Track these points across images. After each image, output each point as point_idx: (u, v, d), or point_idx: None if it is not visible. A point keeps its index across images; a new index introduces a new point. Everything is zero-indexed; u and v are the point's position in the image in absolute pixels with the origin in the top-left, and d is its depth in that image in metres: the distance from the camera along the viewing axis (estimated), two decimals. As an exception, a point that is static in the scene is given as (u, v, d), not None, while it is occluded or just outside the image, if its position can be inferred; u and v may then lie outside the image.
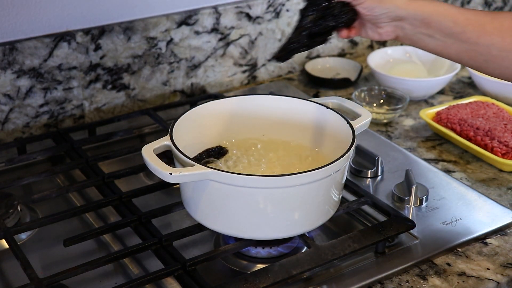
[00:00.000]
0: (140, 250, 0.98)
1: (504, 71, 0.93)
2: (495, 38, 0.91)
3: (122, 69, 1.38)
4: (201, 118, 1.06)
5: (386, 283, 0.97)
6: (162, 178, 0.89)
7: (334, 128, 1.04)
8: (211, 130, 1.08)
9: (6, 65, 1.25)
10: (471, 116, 1.33)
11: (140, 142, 1.35)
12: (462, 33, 0.92)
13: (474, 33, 0.91)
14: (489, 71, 0.95)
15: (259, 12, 1.49)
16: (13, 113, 1.30)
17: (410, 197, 1.11)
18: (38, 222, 1.04)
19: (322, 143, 1.07)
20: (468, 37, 0.92)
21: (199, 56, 1.46)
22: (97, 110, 1.39)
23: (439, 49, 0.95)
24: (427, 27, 0.93)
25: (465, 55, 0.94)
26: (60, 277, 0.92)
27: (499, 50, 0.91)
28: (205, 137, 1.07)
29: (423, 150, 1.30)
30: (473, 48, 0.92)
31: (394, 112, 1.39)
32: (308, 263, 0.95)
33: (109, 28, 1.33)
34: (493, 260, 1.02)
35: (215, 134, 1.08)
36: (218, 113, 1.08)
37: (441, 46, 0.95)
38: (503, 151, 1.23)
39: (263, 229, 0.94)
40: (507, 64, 0.92)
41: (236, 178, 0.89)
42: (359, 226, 1.10)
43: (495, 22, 0.91)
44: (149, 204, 1.10)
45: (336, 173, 0.94)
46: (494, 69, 0.93)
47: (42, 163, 1.27)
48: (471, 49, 0.93)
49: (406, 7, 0.93)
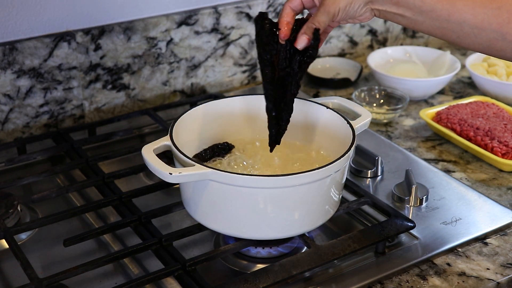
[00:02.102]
0: (140, 250, 0.98)
1: (478, 46, 0.91)
2: (467, 16, 0.89)
3: (122, 69, 1.38)
4: (201, 118, 1.06)
5: (386, 283, 0.97)
6: (162, 178, 0.89)
7: (334, 128, 1.04)
8: (211, 130, 1.08)
9: (6, 65, 1.25)
10: (471, 116, 1.33)
11: (140, 142, 1.35)
12: (431, 11, 0.90)
13: (444, 11, 0.89)
14: (463, 46, 0.93)
15: (259, 12, 1.49)
16: (13, 113, 1.30)
17: (410, 197, 1.11)
18: (38, 222, 1.04)
19: (322, 143, 1.07)
20: (438, 15, 0.90)
21: (199, 56, 1.46)
22: (97, 110, 1.39)
23: (411, 26, 0.93)
24: (396, 7, 0.91)
25: (437, 32, 0.92)
26: (60, 277, 0.92)
27: (471, 28, 0.89)
28: (205, 137, 1.07)
29: (423, 150, 1.30)
30: (444, 25, 0.90)
31: (394, 112, 1.39)
32: (308, 263, 0.95)
33: (109, 28, 1.33)
34: (493, 260, 1.02)
35: (215, 134, 1.08)
36: (218, 113, 1.08)
37: (413, 24, 0.93)
38: (503, 151, 1.23)
39: (263, 229, 0.94)
40: (480, 41, 0.90)
41: (236, 178, 0.89)
42: (359, 226, 1.10)
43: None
44: (149, 204, 1.10)
45: (336, 173, 0.94)
46: (468, 45, 0.92)
47: (42, 163, 1.27)
48: (442, 27, 0.91)
49: None
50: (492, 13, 0.87)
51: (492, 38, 0.89)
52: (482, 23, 0.88)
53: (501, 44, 0.89)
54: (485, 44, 0.90)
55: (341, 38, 1.64)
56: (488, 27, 0.88)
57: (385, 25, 1.69)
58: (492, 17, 0.88)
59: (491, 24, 0.88)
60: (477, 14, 0.88)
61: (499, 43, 0.89)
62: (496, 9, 0.87)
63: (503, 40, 0.88)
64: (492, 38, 0.89)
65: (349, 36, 1.65)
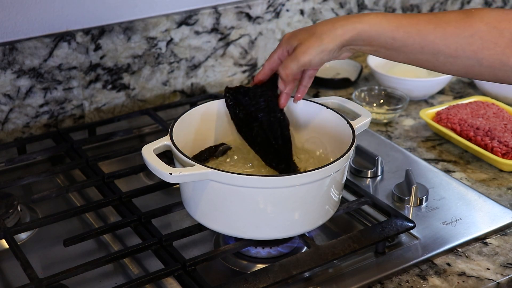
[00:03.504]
0: (140, 250, 0.98)
1: (455, 73, 0.92)
2: (440, 47, 0.88)
3: (122, 69, 1.38)
4: (201, 118, 1.06)
5: (386, 283, 0.97)
6: (162, 178, 0.89)
7: (334, 128, 1.04)
8: (211, 130, 1.08)
9: (6, 65, 1.25)
10: (471, 116, 1.33)
11: (140, 142, 1.35)
12: (404, 47, 0.90)
13: (416, 45, 0.89)
14: (441, 72, 0.94)
15: (259, 12, 1.49)
16: (13, 113, 1.30)
17: (410, 197, 1.11)
18: (38, 222, 1.04)
19: (322, 143, 1.07)
20: (411, 49, 0.90)
21: (199, 56, 1.46)
22: (97, 110, 1.39)
23: (388, 59, 0.95)
24: (370, 46, 0.92)
25: (413, 62, 0.92)
26: (60, 277, 0.92)
27: (446, 57, 0.89)
28: (205, 137, 1.07)
29: (423, 150, 1.30)
30: (419, 57, 0.91)
31: (394, 112, 1.39)
32: (308, 263, 0.95)
33: (109, 28, 1.33)
34: (493, 260, 1.02)
35: (215, 134, 1.08)
36: (218, 113, 1.08)
37: (389, 57, 0.94)
38: (503, 151, 1.23)
39: (263, 229, 0.94)
40: (457, 68, 0.90)
41: (236, 178, 0.89)
42: (359, 226, 1.10)
43: (437, 30, 0.88)
44: (149, 204, 1.10)
45: (336, 173, 0.94)
46: (446, 72, 0.92)
47: (42, 163, 1.27)
48: (417, 58, 0.91)
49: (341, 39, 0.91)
50: (465, 42, 0.87)
51: (468, 65, 0.89)
52: (456, 52, 0.88)
53: (478, 69, 0.89)
54: (462, 70, 0.91)
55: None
56: (463, 55, 0.88)
57: (385, 25, 1.69)
58: (466, 45, 0.87)
59: (466, 52, 0.88)
60: (450, 44, 0.88)
61: (476, 68, 0.89)
62: (469, 37, 0.87)
63: (480, 66, 0.88)
64: (469, 64, 0.89)
65: (349, 36, 1.65)
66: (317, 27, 0.92)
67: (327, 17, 1.58)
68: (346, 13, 1.60)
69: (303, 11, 1.54)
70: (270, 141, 1.00)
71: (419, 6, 1.72)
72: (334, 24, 0.91)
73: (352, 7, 1.61)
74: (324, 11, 1.57)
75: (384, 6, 1.66)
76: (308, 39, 0.92)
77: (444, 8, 1.76)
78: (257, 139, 1.01)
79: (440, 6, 1.75)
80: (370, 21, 0.90)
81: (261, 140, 1.01)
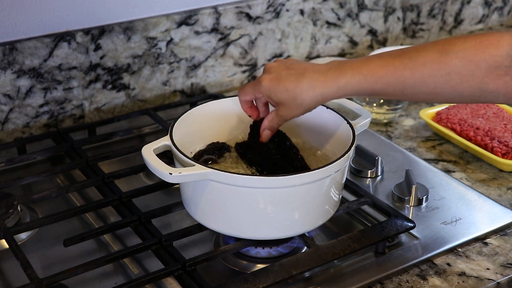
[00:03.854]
0: (140, 250, 0.98)
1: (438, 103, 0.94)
2: (419, 88, 0.90)
3: (122, 69, 1.38)
4: (201, 118, 1.06)
5: (386, 283, 0.97)
6: (162, 178, 0.89)
7: (334, 128, 1.04)
8: (211, 130, 1.08)
9: (6, 65, 1.25)
10: (471, 116, 1.33)
11: (140, 142, 1.35)
12: (384, 95, 0.93)
13: (396, 91, 0.91)
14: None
15: (259, 12, 1.49)
16: (13, 113, 1.30)
17: (410, 197, 1.11)
18: (38, 222, 1.04)
19: (322, 143, 1.07)
20: (391, 95, 0.92)
21: (199, 56, 1.46)
22: (97, 110, 1.39)
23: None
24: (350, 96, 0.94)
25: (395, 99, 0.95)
26: (60, 277, 0.92)
27: (427, 95, 0.91)
28: (205, 137, 1.07)
29: (423, 150, 1.30)
30: (401, 98, 0.93)
31: (394, 112, 1.39)
32: (308, 263, 0.95)
33: (109, 28, 1.33)
34: (493, 260, 1.02)
35: (215, 134, 1.08)
36: (218, 113, 1.08)
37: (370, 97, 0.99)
38: (503, 151, 1.23)
39: (263, 229, 0.94)
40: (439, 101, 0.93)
41: (236, 178, 0.89)
42: (359, 226, 1.10)
43: (415, 74, 0.89)
44: (149, 204, 1.10)
45: (336, 173, 0.94)
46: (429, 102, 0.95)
47: (42, 163, 1.27)
48: (399, 98, 0.94)
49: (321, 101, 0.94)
50: (443, 80, 0.88)
51: (449, 98, 0.91)
52: (436, 89, 0.90)
53: (459, 100, 0.92)
54: (445, 101, 0.94)
55: (341, 38, 1.64)
56: (443, 91, 0.90)
57: (385, 25, 1.69)
58: (444, 83, 0.89)
59: (445, 89, 0.89)
60: (429, 85, 0.89)
61: (457, 99, 0.91)
62: (446, 76, 0.88)
63: (461, 97, 0.90)
64: (450, 98, 0.91)
65: (349, 36, 1.65)
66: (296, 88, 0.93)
67: (327, 17, 1.58)
68: (346, 13, 1.60)
69: (303, 11, 1.54)
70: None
71: (419, 6, 1.72)
72: (314, 90, 0.92)
73: (352, 7, 1.61)
74: (324, 11, 1.57)
75: (384, 6, 1.66)
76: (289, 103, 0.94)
77: (444, 8, 1.76)
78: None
79: (440, 6, 1.75)
80: (348, 84, 0.92)
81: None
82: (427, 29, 1.77)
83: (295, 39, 1.56)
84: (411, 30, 1.74)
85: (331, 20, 1.60)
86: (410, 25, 1.74)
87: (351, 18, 1.62)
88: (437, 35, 1.80)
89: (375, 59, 0.92)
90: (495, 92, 0.88)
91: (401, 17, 1.71)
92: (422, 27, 1.76)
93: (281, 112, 0.96)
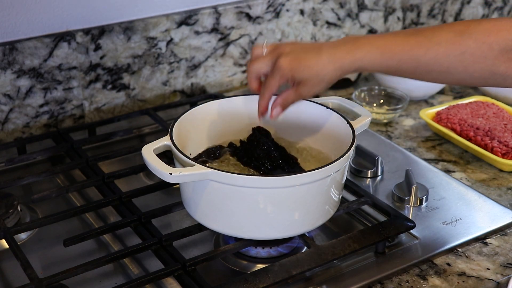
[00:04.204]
0: (140, 250, 0.98)
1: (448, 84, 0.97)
2: (432, 67, 0.93)
3: (122, 69, 1.38)
4: (201, 118, 1.06)
5: (386, 283, 0.97)
6: (162, 178, 0.89)
7: (334, 128, 1.04)
8: (211, 130, 1.08)
9: (6, 65, 1.25)
10: (471, 116, 1.33)
11: (140, 142, 1.35)
12: (397, 71, 0.95)
13: (410, 69, 0.94)
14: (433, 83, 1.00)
15: (259, 12, 1.49)
16: (13, 113, 1.30)
17: (410, 197, 1.11)
18: (38, 222, 1.04)
19: (322, 143, 1.07)
20: (405, 72, 0.95)
21: (199, 56, 1.46)
22: (97, 110, 1.39)
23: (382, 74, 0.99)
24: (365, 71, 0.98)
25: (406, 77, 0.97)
26: (60, 277, 0.92)
27: (438, 73, 0.94)
28: (205, 137, 1.07)
29: (423, 150, 1.30)
30: (412, 76, 0.96)
31: (394, 112, 1.39)
32: (308, 263, 0.95)
33: (109, 28, 1.33)
34: (493, 260, 1.01)
35: (215, 134, 1.08)
36: (218, 113, 1.08)
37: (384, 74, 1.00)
38: (503, 151, 1.23)
39: (263, 229, 0.94)
40: (449, 81, 0.96)
41: (236, 178, 0.89)
42: (359, 226, 1.10)
43: (429, 52, 0.92)
44: (149, 204, 1.10)
45: (336, 173, 0.93)
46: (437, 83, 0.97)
47: (42, 163, 1.27)
48: (410, 77, 0.96)
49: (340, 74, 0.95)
50: (456, 59, 0.92)
51: (460, 78, 0.94)
52: (448, 69, 0.93)
53: (470, 81, 0.95)
54: (454, 82, 0.97)
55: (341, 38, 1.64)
56: (455, 71, 0.93)
57: (385, 25, 1.69)
58: (457, 63, 0.92)
59: (457, 68, 0.92)
60: (442, 63, 0.92)
61: (468, 80, 0.95)
62: (460, 55, 0.91)
63: (471, 78, 0.93)
64: (460, 78, 0.94)
65: (349, 36, 1.65)
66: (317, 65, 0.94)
67: (327, 17, 1.58)
68: (346, 13, 1.60)
69: (303, 11, 1.54)
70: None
71: (419, 6, 1.72)
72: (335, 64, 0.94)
73: (352, 7, 1.61)
74: (324, 11, 1.57)
75: (384, 6, 1.66)
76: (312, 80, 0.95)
77: (444, 8, 1.76)
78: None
79: (440, 6, 1.75)
80: (364, 58, 0.94)
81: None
82: (427, 29, 1.77)
83: (295, 39, 1.56)
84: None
85: (331, 20, 1.60)
86: (410, 25, 1.74)
87: (351, 18, 1.62)
88: (437, 35, 1.80)
89: (390, 36, 0.95)
90: (504, 74, 0.91)
91: (401, 17, 1.71)
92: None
93: (301, 90, 0.96)
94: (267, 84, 0.97)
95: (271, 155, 1.01)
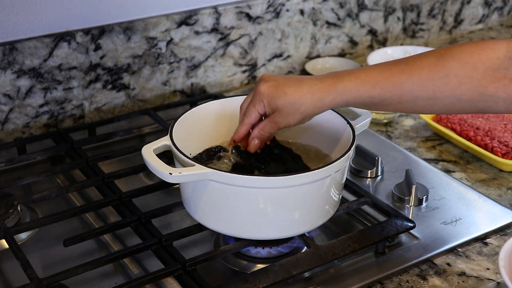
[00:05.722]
0: (140, 250, 0.98)
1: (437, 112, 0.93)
2: (417, 93, 0.90)
3: (122, 69, 1.38)
4: (201, 118, 1.06)
5: (386, 283, 0.97)
6: (162, 178, 0.89)
7: (334, 128, 1.04)
8: (211, 130, 1.08)
9: (6, 65, 1.25)
10: (471, 116, 1.33)
11: (140, 142, 1.35)
12: (382, 101, 0.91)
13: (394, 97, 0.91)
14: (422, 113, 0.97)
15: (259, 12, 1.49)
16: (13, 113, 1.30)
17: (410, 197, 1.11)
18: (38, 222, 1.04)
19: (322, 143, 1.07)
20: (389, 102, 0.91)
21: (199, 56, 1.46)
22: (97, 110, 1.39)
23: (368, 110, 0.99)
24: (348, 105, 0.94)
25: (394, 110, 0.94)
26: (60, 277, 0.92)
27: (425, 100, 0.90)
28: (205, 137, 1.07)
29: (423, 150, 1.30)
30: (399, 106, 0.92)
31: (394, 112, 1.39)
32: (308, 263, 0.95)
33: (109, 28, 1.33)
34: (493, 260, 1.01)
35: (215, 134, 1.08)
36: (218, 113, 1.08)
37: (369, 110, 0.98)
38: (503, 151, 1.23)
39: (263, 229, 0.94)
40: (438, 108, 0.92)
41: (236, 178, 0.89)
42: (359, 226, 1.10)
43: (412, 77, 0.89)
44: (149, 204, 1.10)
45: (336, 173, 0.94)
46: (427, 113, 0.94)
47: (42, 163, 1.27)
48: (396, 107, 0.93)
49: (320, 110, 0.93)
50: (441, 82, 0.88)
51: (448, 104, 0.90)
52: (434, 93, 0.89)
53: (459, 106, 0.91)
54: (443, 109, 0.92)
55: (341, 38, 1.64)
56: (441, 95, 0.89)
57: (385, 25, 1.69)
58: (443, 86, 0.89)
59: (443, 92, 0.89)
60: (427, 88, 0.89)
61: (456, 105, 0.90)
62: (444, 78, 0.88)
63: (460, 102, 0.90)
64: (448, 103, 0.90)
65: (349, 36, 1.65)
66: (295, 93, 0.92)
67: (327, 17, 1.58)
68: (346, 13, 1.60)
69: (303, 11, 1.54)
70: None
71: (419, 6, 1.72)
72: (313, 95, 0.92)
73: (352, 7, 1.61)
74: (324, 11, 1.57)
75: (384, 6, 1.66)
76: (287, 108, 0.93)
77: (444, 8, 1.77)
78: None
79: (440, 6, 1.75)
80: (345, 89, 0.91)
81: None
82: (427, 29, 1.77)
83: (295, 39, 1.56)
84: (411, 30, 1.74)
85: (331, 20, 1.60)
86: (410, 25, 1.74)
87: (351, 18, 1.62)
88: (437, 35, 1.80)
89: (372, 67, 0.92)
90: (494, 96, 0.88)
91: (401, 17, 1.71)
92: (422, 27, 1.76)
93: (276, 119, 0.94)
94: (247, 110, 0.96)
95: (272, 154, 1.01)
